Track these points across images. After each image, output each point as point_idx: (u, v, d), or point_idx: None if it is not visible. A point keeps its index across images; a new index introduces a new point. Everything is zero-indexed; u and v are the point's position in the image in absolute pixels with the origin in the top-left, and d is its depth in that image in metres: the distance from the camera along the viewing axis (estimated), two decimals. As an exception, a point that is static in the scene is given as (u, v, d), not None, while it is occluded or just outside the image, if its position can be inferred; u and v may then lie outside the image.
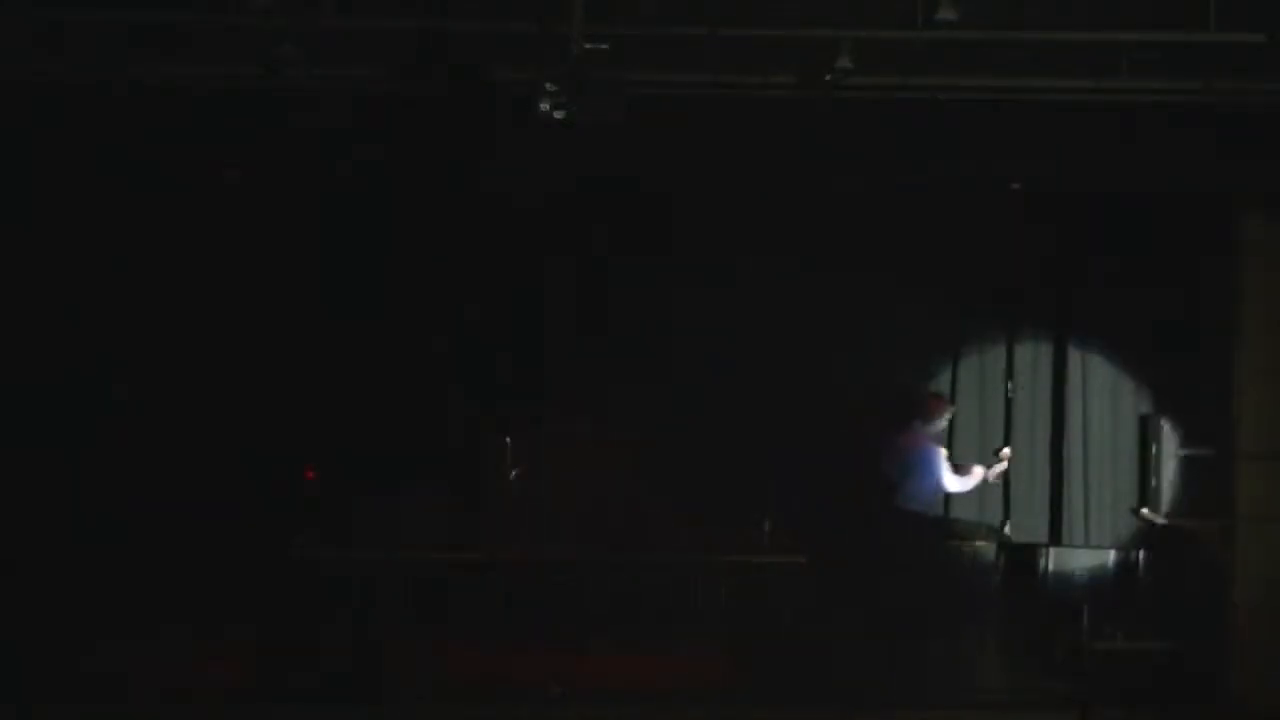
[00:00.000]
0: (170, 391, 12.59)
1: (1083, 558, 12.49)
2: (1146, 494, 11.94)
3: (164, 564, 11.85)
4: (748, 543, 12.34)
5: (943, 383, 12.84)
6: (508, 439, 12.54)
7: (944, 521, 12.48)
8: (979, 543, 12.66)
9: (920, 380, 12.86)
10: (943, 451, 12.20)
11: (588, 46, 9.31)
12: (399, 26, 9.83)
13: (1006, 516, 12.66)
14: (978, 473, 12.17)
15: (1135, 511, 12.12)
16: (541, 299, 13.16)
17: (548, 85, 9.18)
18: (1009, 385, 12.99)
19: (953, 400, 12.67)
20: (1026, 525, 12.64)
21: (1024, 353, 13.02)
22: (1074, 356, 12.86)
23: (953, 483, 12.17)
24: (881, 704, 9.95)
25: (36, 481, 12.02)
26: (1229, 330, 11.59)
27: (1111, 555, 12.41)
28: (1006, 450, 12.43)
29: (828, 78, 10.06)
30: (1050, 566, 12.43)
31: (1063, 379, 12.86)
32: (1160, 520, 11.85)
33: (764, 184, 12.45)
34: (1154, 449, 11.93)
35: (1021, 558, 12.48)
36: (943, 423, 12.36)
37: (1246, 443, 11.12)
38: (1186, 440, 12.11)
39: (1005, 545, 12.57)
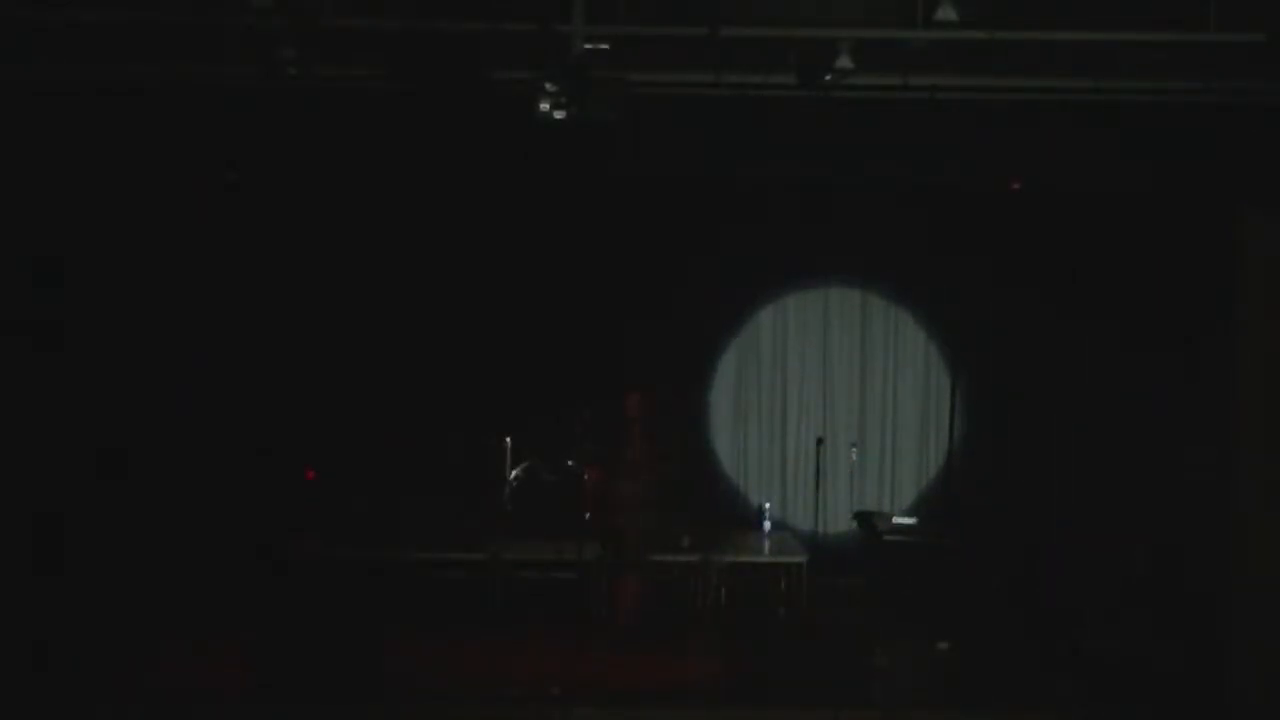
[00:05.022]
0: (170, 391, 12.62)
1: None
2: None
3: (164, 563, 11.89)
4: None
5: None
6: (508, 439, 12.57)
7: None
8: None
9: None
10: None
11: (588, 46, 9.31)
12: (399, 26, 9.82)
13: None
14: None
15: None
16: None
17: (548, 85, 9.18)
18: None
19: None
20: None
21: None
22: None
23: None
24: (881, 704, 9.94)
25: (36, 482, 12.04)
26: (1229, 329, 11.58)
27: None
28: None
29: (828, 78, 10.06)
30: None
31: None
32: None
33: (763, 182, 12.49)
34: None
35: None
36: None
37: (1246, 441, 11.10)
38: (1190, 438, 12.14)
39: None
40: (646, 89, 10.25)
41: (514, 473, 12.50)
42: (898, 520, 12.45)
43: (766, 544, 12.54)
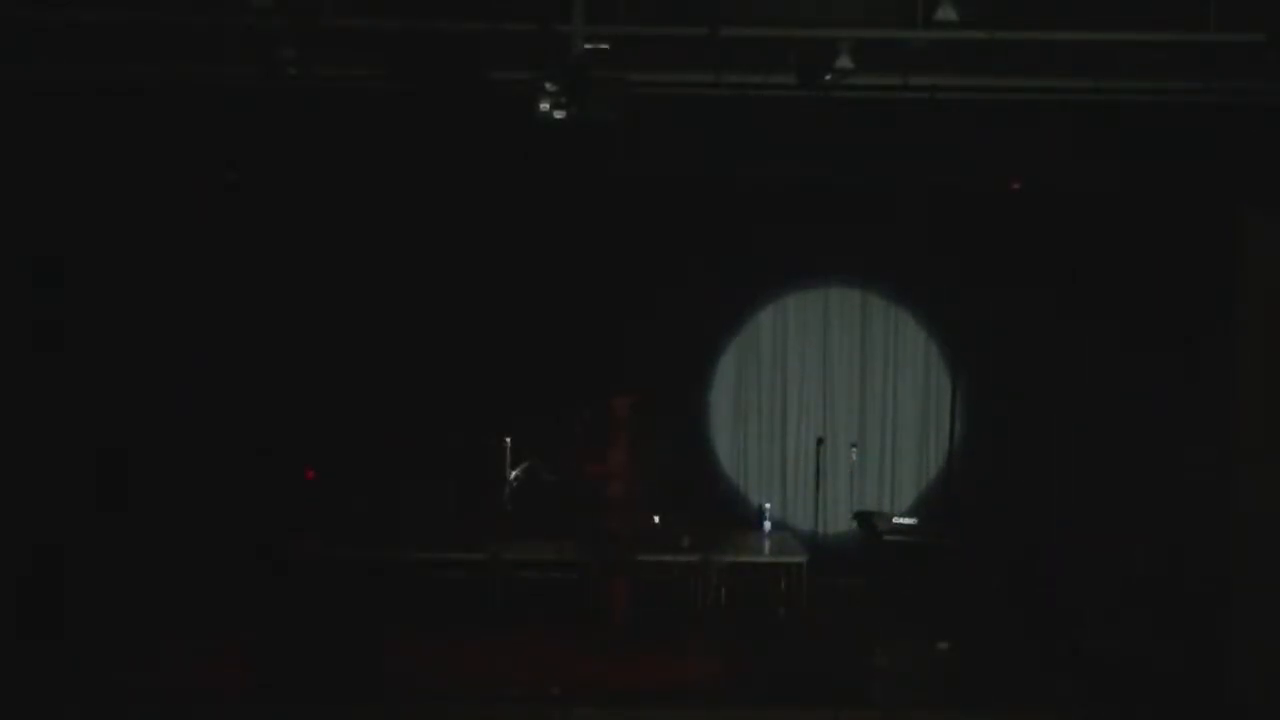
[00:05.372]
0: (170, 391, 12.62)
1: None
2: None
3: (164, 563, 11.89)
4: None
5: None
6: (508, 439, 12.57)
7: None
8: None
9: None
10: None
11: (588, 46, 9.30)
12: (399, 27, 9.81)
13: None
14: None
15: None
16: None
17: (548, 85, 9.17)
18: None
19: None
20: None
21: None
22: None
23: None
24: (881, 704, 9.94)
25: (37, 482, 12.05)
26: (1229, 329, 11.57)
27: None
28: None
29: (828, 78, 10.06)
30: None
31: None
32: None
33: (763, 182, 12.49)
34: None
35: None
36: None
37: (1246, 441, 11.10)
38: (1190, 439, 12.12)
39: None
40: (646, 89, 10.23)
41: (514, 473, 12.50)
42: (897, 520, 12.45)
43: (766, 544, 12.53)
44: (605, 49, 9.57)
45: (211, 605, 11.43)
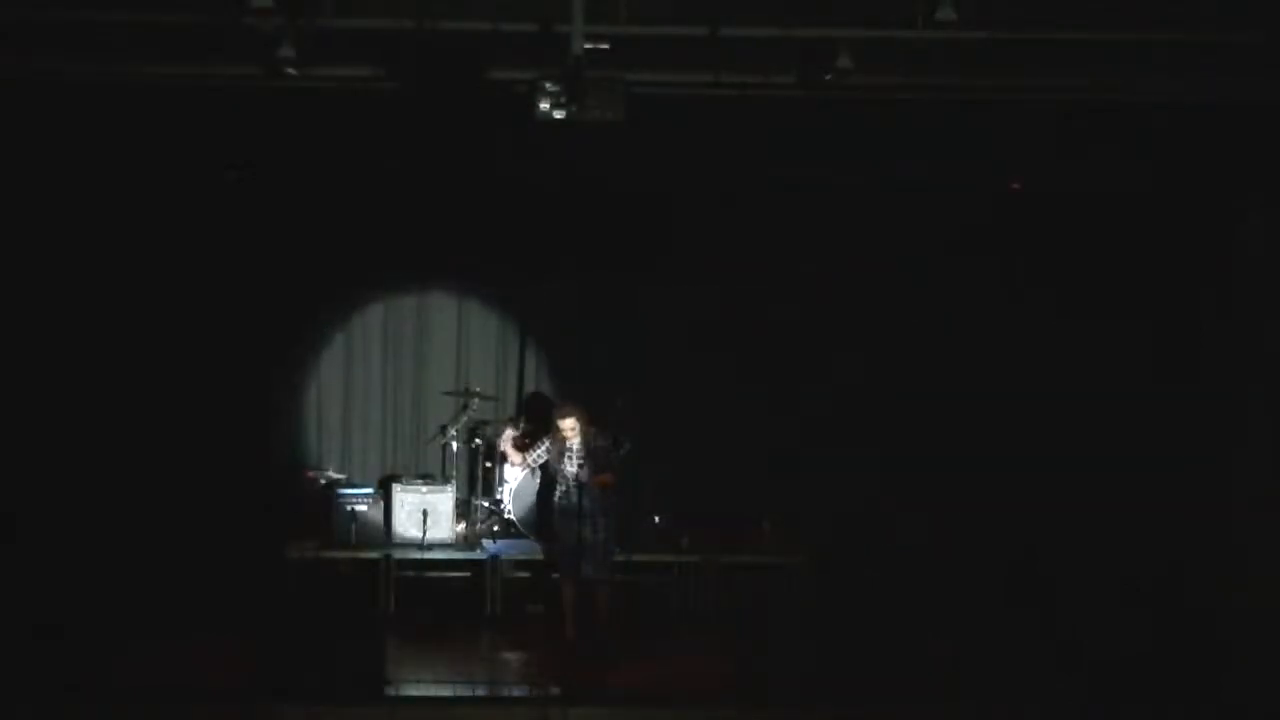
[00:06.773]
0: (169, 391, 12.62)
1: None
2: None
3: (164, 563, 11.89)
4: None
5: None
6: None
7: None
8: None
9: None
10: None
11: (588, 46, 9.30)
12: (399, 26, 9.82)
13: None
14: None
15: None
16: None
17: (548, 85, 9.17)
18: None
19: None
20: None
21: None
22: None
23: None
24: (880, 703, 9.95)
25: (36, 481, 12.06)
26: (1229, 329, 11.60)
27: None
28: None
29: (828, 78, 10.06)
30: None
31: None
32: None
33: (763, 184, 12.49)
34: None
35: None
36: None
37: (1246, 441, 11.13)
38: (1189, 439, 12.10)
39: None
40: (646, 89, 10.23)
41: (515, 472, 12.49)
42: None
43: (766, 544, 12.53)
44: (605, 49, 9.57)
45: (211, 605, 11.42)
